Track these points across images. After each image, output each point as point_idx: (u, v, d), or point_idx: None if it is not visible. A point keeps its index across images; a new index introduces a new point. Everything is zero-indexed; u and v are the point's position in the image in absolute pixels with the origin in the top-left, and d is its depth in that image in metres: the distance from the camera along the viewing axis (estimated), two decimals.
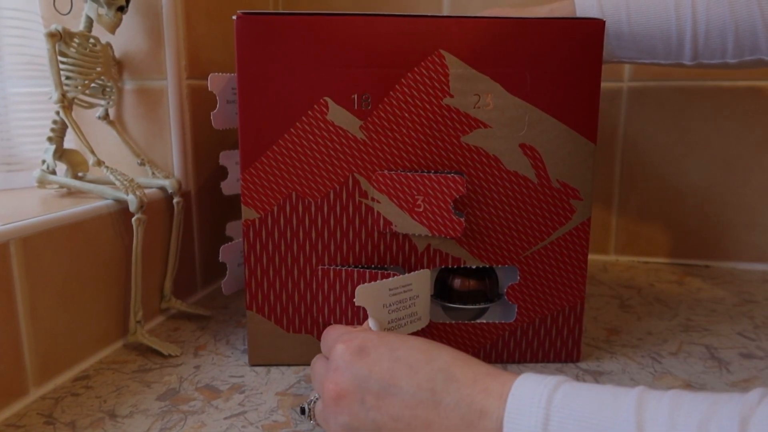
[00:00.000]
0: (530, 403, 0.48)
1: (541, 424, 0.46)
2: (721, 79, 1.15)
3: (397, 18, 0.69)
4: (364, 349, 0.56)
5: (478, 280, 0.80)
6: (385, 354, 0.55)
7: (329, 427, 0.56)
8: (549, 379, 0.49)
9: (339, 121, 0.70)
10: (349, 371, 0.55)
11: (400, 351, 0.55)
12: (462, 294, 0.80)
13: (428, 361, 0.54)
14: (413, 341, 0.56)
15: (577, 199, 0.73)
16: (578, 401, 0.47)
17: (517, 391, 0.49)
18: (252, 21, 0.69)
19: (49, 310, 0.71)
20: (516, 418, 0.48)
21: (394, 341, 0.56)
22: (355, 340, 0.57)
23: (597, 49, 0.70)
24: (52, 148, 0.86)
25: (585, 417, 0.45)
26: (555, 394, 0.48)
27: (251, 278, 0.74)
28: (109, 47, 0.89)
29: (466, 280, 0.79)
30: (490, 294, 0.81)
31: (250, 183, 0.72)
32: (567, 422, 0.46)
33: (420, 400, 0.51)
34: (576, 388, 0.48)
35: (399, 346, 0.55)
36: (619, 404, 0.45)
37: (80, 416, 0.65)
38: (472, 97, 0.70)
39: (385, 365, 0.54)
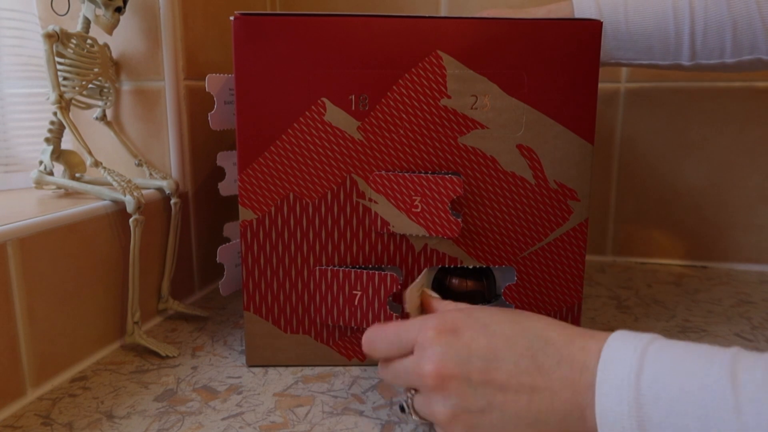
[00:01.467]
0: (624, 355, 0.49)
1: (635, 373, 0.47)
2: (719, 81, 1.15)
3: (394, 19, 0.69)
4: (457, 330, 0.56)
5: (476, 280, 0.79)
6: (479, 330, 0.56)
7: (437, 414, 0.56)
8: (644, 335, 0.50)
9: (336, 121, 0.70)
10: (449, 353, 0.55)
11: (493, 325, 0.56)
12: (459, 294, 0.79)
13: (523, 330, 0.55)
14: (501, 314, 0.58)
15: (575, 200, 0.73)
16: (672, 351, 0.48)
17: (612, 343, 0.50)
18: (249, 22, 0.69)
19: (47, 311, 0.71)
20: (609, 367, 0.49)
21: (483, 316, 0.57)
22: (445, 323, 0.57)
23: (594, 50, 0.70)
24: (50, 149, 0.86)
25: (678, 365, 0.46)
26: (650, 346, 0.49)
27: (249, 279, 0.74)
28: (106, 48, 0.89)
29: (463, 280, 0.79)
30: (488, 294, 0.81)
31: (248, 184, 0.72)
32: (660, 371, 0.47)
33: (523, 368, 0.53)
34: (671, 343, 0.49)
35: (489, 320, 0.57)
36: (713, 355, 0.46)
37: (77, 417, 0.65)
38: (470, 98, 0.70)
39: (483, 341, 0.55)
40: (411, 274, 0.74)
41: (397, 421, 0.65)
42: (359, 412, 0.66)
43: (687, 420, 0.44)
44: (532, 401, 0.52)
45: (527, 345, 0.54)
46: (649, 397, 0.46)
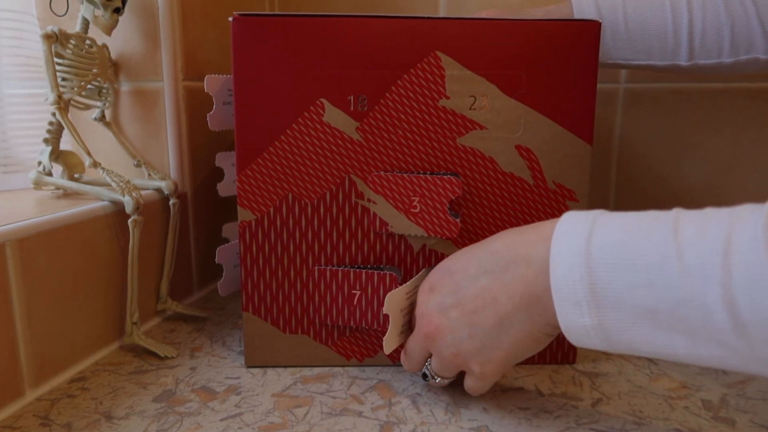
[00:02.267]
0: (574, 228, 0.53)
1: (585, 239, 0.51)
2: (717, 82, 1.15)
3: (393, 19, 0.69)
4: (433, 286, 0.65)
5: None
6: (445, 275, 0.64)
7: (444, 360, 0.65)
8: (594, 211, 0.55)
9: (335, 122, 0.70)
10: (430, 308, 0.64)
11: (454, 264, 0.64)
12: None
13: (473, 254, 0.62)
14: (463, 251, 0.65)
15: (574, 201, 0.73)
16: (621, 219, 0.51)
17: (564, 221, 0.55)
18: (248, 22, 0.68)
19: (45, 312, 0.71)
20: (561, 240, 0.53)
21: (449, 262, 0.65)
22: (424, 286, 0.66)
23: (593, 51, 0.70)
24: (48, 150, 0.86)
25: (625, 227, 0.50)
26: (600, 217, 0.53)
27: (247, 279, 0.74)
28: (105, 49, 0.89)
29: None
30: None
31: (247, 184, 0.72)
32: (609, 234, 0.50)
33: (481, 285, 0.60)
34: (621, 213, 0.52)
35: (452, 262, 0.64)
36: (657, 216, 0.50)
37: (76, 418, 0.65)
38: (468, 99, 0.70)
39: (448, 281, 0.63)
40: (410, 274, 0.74)
41: (396, 421, 0.65)
42: (358, 413, 0.66)
43: (634, 273, 0.48)
44: (497, 310, 0.58)
45: (478, 264, 0.61)
46: (599, 259, 0.49)
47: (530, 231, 0.58)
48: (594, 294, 0.50)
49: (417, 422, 0.64)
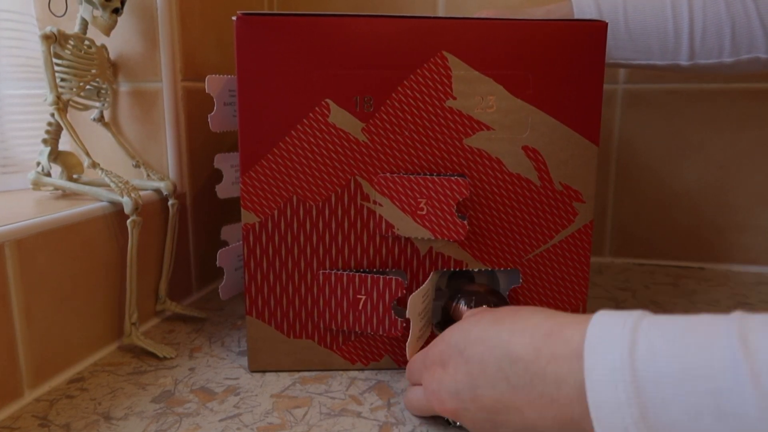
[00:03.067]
0: (611, 334, 0.45)
1: (628, 350, 0.42)
2: (716, 82, 1.15)
3: (399, 19, 0.68)
4: (444, 363, 0.58)
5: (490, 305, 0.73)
6: (457, 359, 0.56)
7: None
8: (630, 311, 0.46)
9: (341, 123, 0.70)
10: (442, 389, 0.57)
11: (467, 349, 0.55)
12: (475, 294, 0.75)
13: (490, 349, 0.53)
14: (474, 331, 0.56)
15: (580, 202, 0.73)
16: (668, 324, 0.43)
17: (595, 325, 0.47)
18: (252, 22, 0.68)
19: (44, 312, 0.71)
20: (596, 352, 0.44)
21: (459, 340, 0.57)
22: (433, 358, 0.60)
23: (599, 51, 0.70)
24: (47, 150, 0.85)
25: (677, 337, 0.42)
26: (641, 321, 0.45)
27: (251, 283, 0.74)
28: (104, 49, 0.89)
29: (469, 310, 0.72)
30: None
31: (250, 186, 0.71)
32: (657, 345, 0.42)
33: (502, 391, 0.51)
34: (664, 317, 0.45)
35: (464, 342, 0.56)
36: (715, 323, 0.41)
37: (75, 418, 0.65)
38: (475, 100, 0.70)
39: (462, 370, 0.55)
40: (416, 278, 0.74)
41: (395, 422, 0.64)
42: (357, 414, 0.66)
43: (698, 398, 0.39)
44: (524, 420, 0.50)
45: (497, 367, 0.52)
46: (649, 377, 0.41)
47: (556, 338, 0.49)
48: (646, 420, 0.41)
49: (416, 423, 0.64)
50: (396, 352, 0.76)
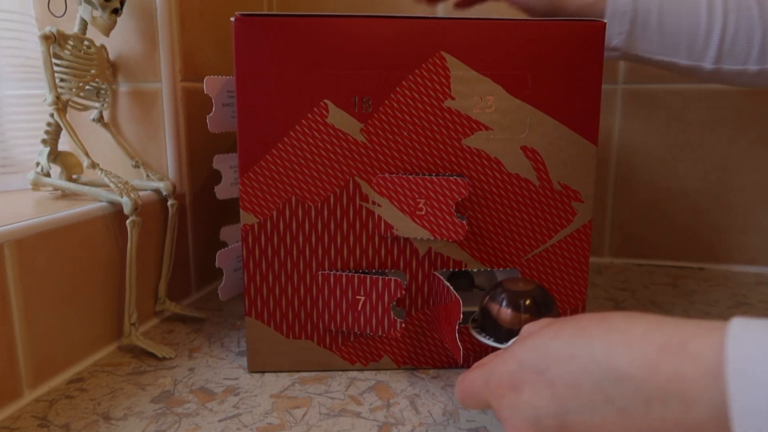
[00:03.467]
0: (762, 350, 0.36)
1: None
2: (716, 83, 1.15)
3: (397, 20, 0.68)
4: (515, 387, 0.48)
5: (534, 310, 0.66)
6: (536, 381, 0.47)
7: None
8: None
9: (339, 123, 0.70)
10: (517, 416, 0.48)
11: (549, 371, 0.46)
12: (514, 331, 0.66)
13: (582, 368, 0.44)
14: (554, 346, 0.46)
15: (579, 201, 0.73)
16: None
17: (736, 339, 0.37)
18: (251, 23, 0.68)
19: (44, 313, 0.71)
20: (746, 369, 0.36)
21: (536, 360, 0.47)
22: (501, 381, 0.49)
23: (598, 51, 0.70)
24: (47, 151, 0.85)
25: None
26: None
27: (250, 284, 0.74)
28: (103, 49, 0.89)
29: (516, 313, 0.66)
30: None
31: (249, 187, 0.71)
32: None
33: (603, 416, 0.43)
34: None
35: (543, 363, 0.46)
36: None
37: (74, 419, 0.65)
38: (474, 100, 0.70)
39: (545, 395, 0.46)
40: (415, 278, 0.74)
41: (395, 422, 0.64)
42: (356, 414, 0.66)
43: None
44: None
45: (596, 388, 0.43)
46: None
47: (678, 353, 0.40)
48: None
49: (415, 423, 0.64)
50: (395, 353, 0.76)
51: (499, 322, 0.65)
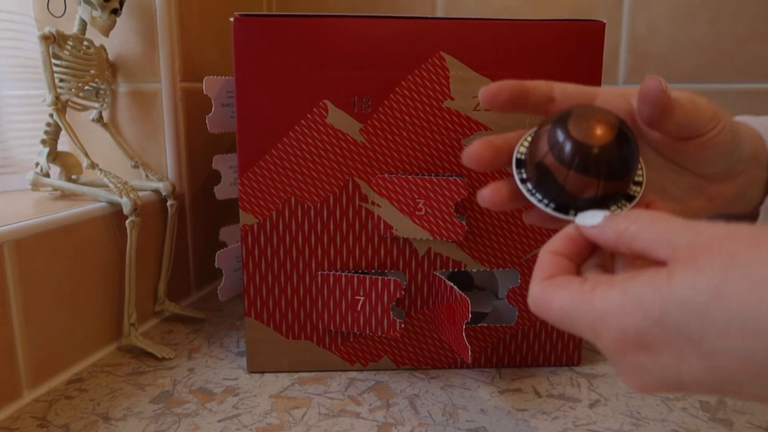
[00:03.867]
0: None
1: None
2: (714, 83, 1.15)
3: (397, 20, 0.68)
4: (648, 347, 0.38)
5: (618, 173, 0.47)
6: (686, 348, 0.36)
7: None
8: None
9: (338, 124, 0.70)
10: (651, 379, 0.39)
11: (711, 340, 0.35)
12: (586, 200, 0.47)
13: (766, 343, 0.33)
14: (714, 310, 0.34)
15: None
16: None
17: None
18: (250, 23, 0.68)
19: (43, 313, 0.71)
20: None
21: (685, 321, 0.35)
22: (624, 335, 0.38)
23: (597, 51, 0.70)
24: (46, 151, 0.85)
25: None
26: None
27: (249, 284, 0.74)
28: (102, 50, 0.89)
29: (594, 180, 0.46)
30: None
31: (248, 187, 0.71)
32: None
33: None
34: None
35: (700, 329, 0.35)
36: None
37: (74, 419, 0.65)
38: (473, 100, 0.70)
39: (700, 365, 0.36)
40: (414, 279, 0.74)
41: (394, 422, 0.64)
42: (355, 414, 0.66)
43: None
44: None
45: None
46: None
47: None
48: None
49: (414, 423, 0.64)
50: (395, 353, 0.76)
51: (567, 190, 0.46)
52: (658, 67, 1.16)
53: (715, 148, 0.50)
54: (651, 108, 0.48)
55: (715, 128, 0.49)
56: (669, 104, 0.48)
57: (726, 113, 0.50)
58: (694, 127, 0.49)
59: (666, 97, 0.48)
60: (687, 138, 0.50)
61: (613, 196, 0.46)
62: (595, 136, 0.46)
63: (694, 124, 0.49)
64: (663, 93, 0.48)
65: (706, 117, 0.49)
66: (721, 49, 1.14)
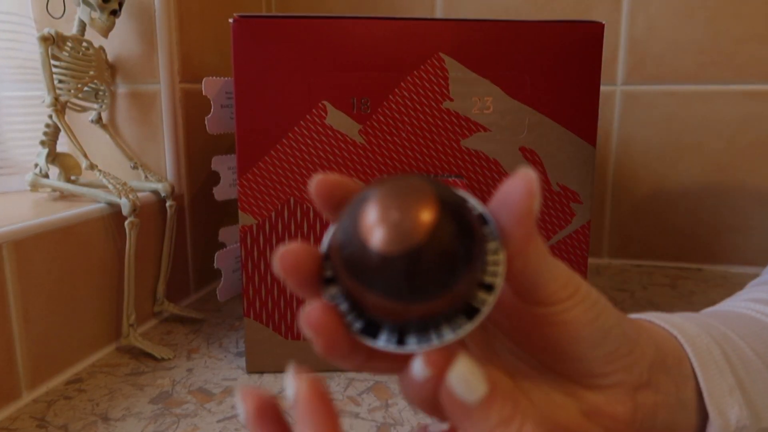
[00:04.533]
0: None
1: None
2: (713, 83, 1.15)
3: (396, 21, 0.68)
4: None
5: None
6: None
7: None
8: None
9: (338, 125, 0.70)
10: None
11: None
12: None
13: None
14: None
15: (577, 203, 0.73)
16: None
17: None
18: (249, 24, 0.68)
19: (42, 314, 0.71)
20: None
21: None
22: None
23: (596, 52, 0.70)
24: (45, 152, 0.85)
25: None
26: None
27: (249, 285, 0.74)
28: (102, 51, 0.89)
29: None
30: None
31: (247, 188, 0.71)
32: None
33: None
34: None
35: None
36: None
37: (73, 420, 0.65)
38: (472, 101, 0.70)
39: None
40: None
41: (393, 423, 0.64)
42: (355, 415, 0.66)
43: None
44: None
45: None
46: None
47: None
48: None
49: (414, 423, 0.64)
50: None
51: (367, 308, 0.31)
52: (656, 67, 1.17)
53: (565, 327, 0.34)
54: (506, 216, 0.31)
55: (570, 299, 0.34)
56: (529, 222, 0.31)
57: (591, 288, 0.35)
58: (534, 284, 0.33)
59: (528, 207, 0.31)
60: (529, 301, 0.34)
61: (441, 314, 0.30)
62: (396, 235, 0.28)
63: (535, 277, 0.33)
64: (528, 198, 0.30)
65: (558, 278, 0.34)
66: (720, 49, 1.14)
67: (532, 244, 0.31)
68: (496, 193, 0.31)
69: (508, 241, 0.31)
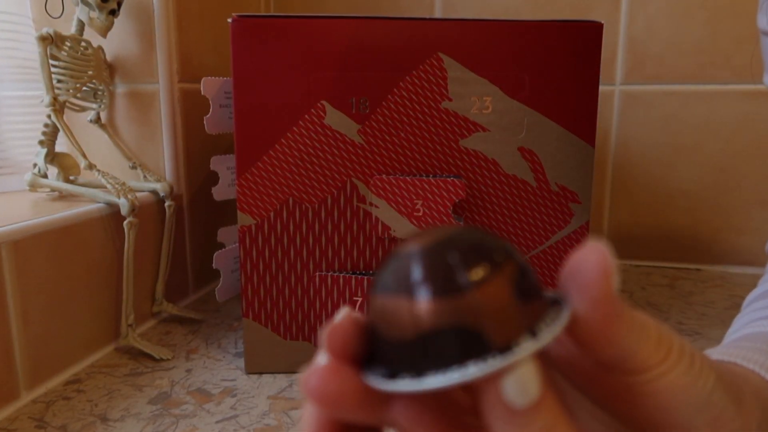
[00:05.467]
0: None
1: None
2: (713, 83, 1.15)
3: (395, 21, 0.68)
4: None
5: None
6: None
7: None
8: None
9: (336, 125, 0.70)
10: None
11: None
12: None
13: None
14: None
15: (576, 203, 0.73)
16: None
17: None
18: (247, 24, 0.68)
19: (41, 314, 0.71)
20: None
21: None
22: None
23: (595, 52, 0.70)
24: (44, 152, 0.85)
25: None
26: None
27: (247, 285, 0.74)
28: (100, 50, 0.89)
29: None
30: None
31: (246, 188, 0.71)
32: None
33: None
34: None
35: None
36: None
37: (72, 420, 0.65)
38: (471, 101, 0.70)
39: None
40: None
41: None
42: None
43: None
44: None
45: None
46: None
47: None
48: None
49: None
50: None
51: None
52: (656, 67, 1.17)
53: (660, 396, 0.28)
54: (584, 302, 0.26)
55: (664, 362, 0.28)
56: (608, 305, 0.26)
57: (683, 341, 0.29)
58: (621, 357, 0.27)
59: (605, 290, 0.26)
60: (615, 372, 0.28)
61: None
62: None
63: (621, 351, 0.27)
64: (603, 280, 0.26)
65: (649, 340, 0.28)
66: (719, 49, 1.14)
67: (614, 325, 0.26)
68: (565, 269, 0.27)
69: (583, 327, 0.26)
